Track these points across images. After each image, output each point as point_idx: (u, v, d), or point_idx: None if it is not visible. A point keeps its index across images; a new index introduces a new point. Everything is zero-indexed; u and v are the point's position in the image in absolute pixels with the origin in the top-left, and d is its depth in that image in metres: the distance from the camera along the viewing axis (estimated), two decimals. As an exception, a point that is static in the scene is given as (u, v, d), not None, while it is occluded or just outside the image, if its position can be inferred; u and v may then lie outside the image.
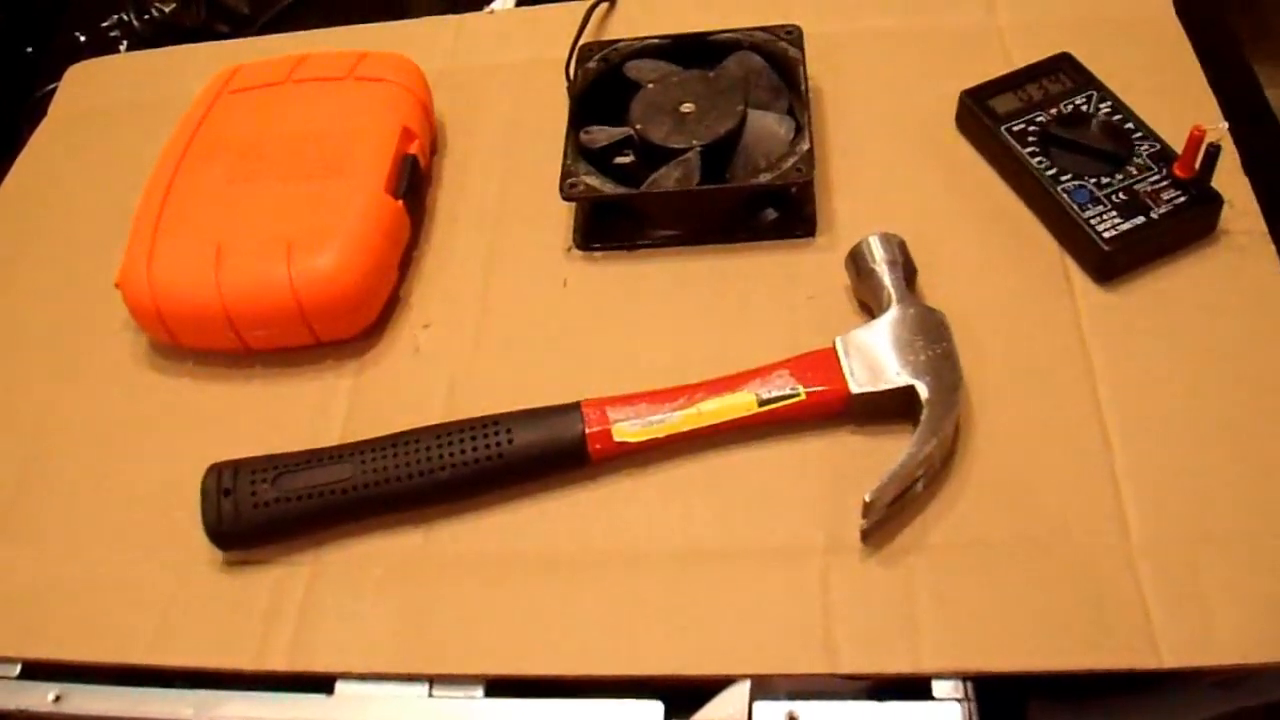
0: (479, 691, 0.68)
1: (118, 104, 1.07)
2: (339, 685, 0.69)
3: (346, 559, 0.73)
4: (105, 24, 1.20)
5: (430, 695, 0.68)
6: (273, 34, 1.13)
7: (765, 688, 0.66)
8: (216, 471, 0.73)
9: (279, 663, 0.69)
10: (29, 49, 1.23)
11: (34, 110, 1.10)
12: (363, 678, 0.69)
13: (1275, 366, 0.74)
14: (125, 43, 1.18)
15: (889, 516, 0.70)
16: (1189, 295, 0.78)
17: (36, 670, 0.72)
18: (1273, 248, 0.79)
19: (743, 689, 0.65)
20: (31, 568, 0.76)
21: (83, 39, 1.20)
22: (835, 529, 0.70)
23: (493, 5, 1.10)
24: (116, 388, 0.85)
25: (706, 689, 0.66)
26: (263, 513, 0.72)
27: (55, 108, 1.09)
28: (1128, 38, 0.93)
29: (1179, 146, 0.80)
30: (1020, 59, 0.91)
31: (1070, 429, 0.73)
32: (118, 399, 0.84)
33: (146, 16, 1.17)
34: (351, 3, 1.17)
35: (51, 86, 1.11)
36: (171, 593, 0.73)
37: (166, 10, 1.17)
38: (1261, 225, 0.81)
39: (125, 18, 1.18)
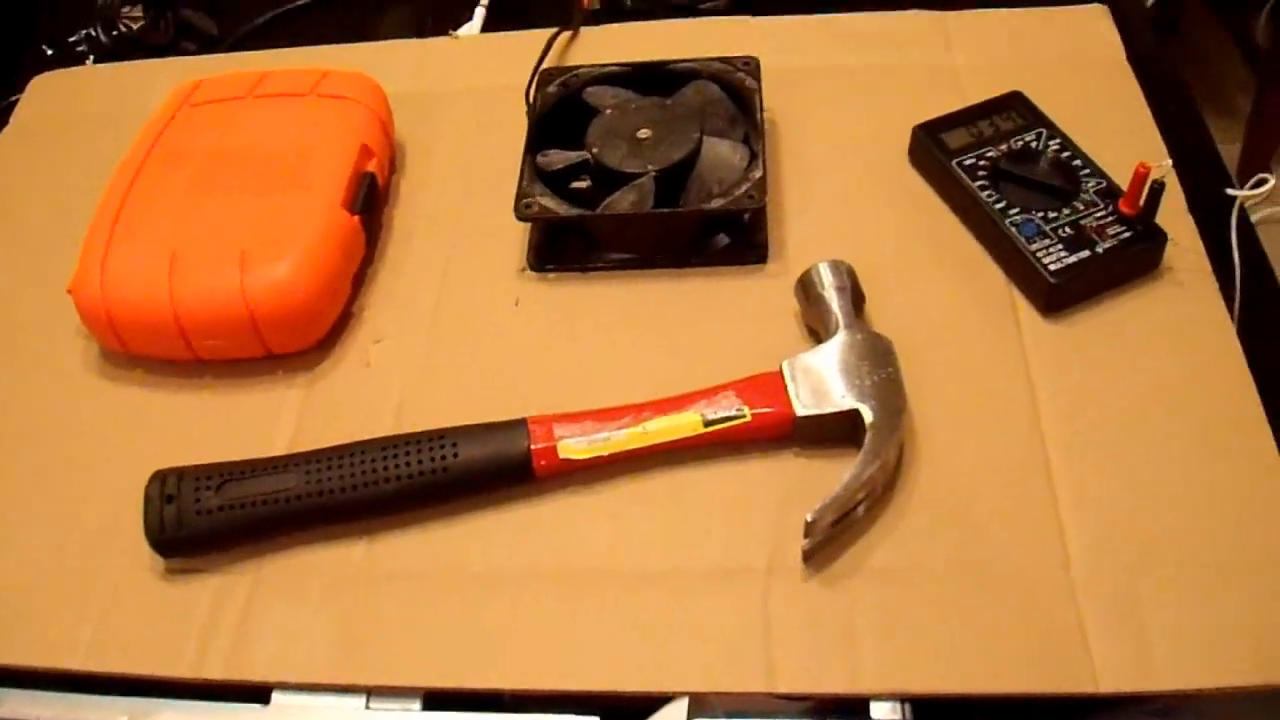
0: (416, 704, 0.68)
1: (81, 114, 1.07)
2: (276, 695, 0.69)
3: (288, 569, 0.73)
4: (73, 39, 1.20)
5: (367, 707, 0.68)
6: (241, 52, 1.13)
7: (703, 706, 0.66)
8: (160, 478, 0.73)
9: (216, 671, 0.69)
10: (-5, 61, 1.23)
11: (-1, 121, 1.10)
12: (300, 688, 0.69)
13: (1215, 400, 0.75)
14: (92, 57, 1.18)
15: (831, 539, 0.70)
16: (1132, 328, 0.79)
17: (-28, 674, 0.71)
18: (1215, 285, 0.81)
19: (680, 706, 0.66)
20: (-33, 570, 0.76)
21: (50, 53, 1.20)
22: (778, 550, 0.71)
23: (458, 30, 1.10)
24: (66, 393, 0.84)
25: (644, 706, 0.66)
26: (205, 520, 0.72)
27: (18, 116, 1.09)
28: (1079, 79, 0.96)
29: (1125, 184, 0.81)
30: (975, 97, 0.92)
31: (1013, 456, 0.74)
32: (66, 404, 0.84)
33: (115, 32, 1.17)
34: (320, 26, 1.18)
35: (16, 97, 1.11)
36: (111, 599, 0.73)
37: (135, 27, 1.17)
38: (1205, 263, 0.82)
39: (93, 33, 1.18)
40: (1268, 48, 2.40)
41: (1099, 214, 0.82)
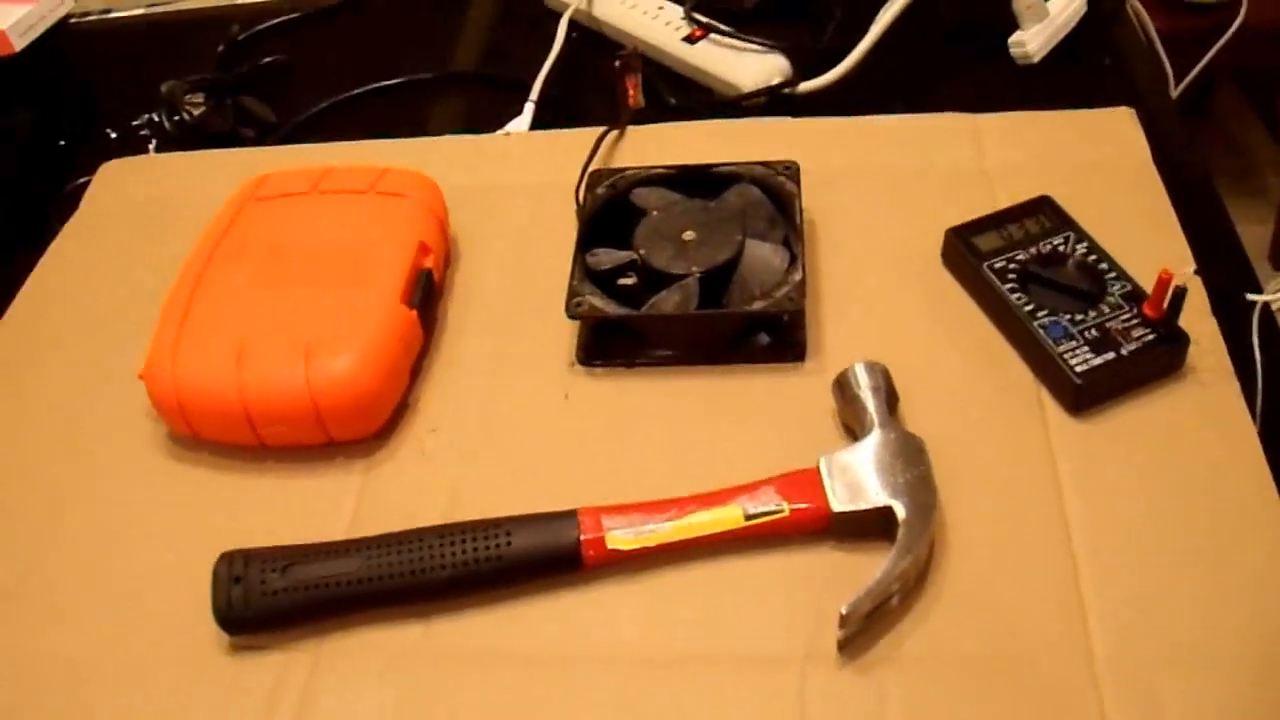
0: (469, 781, 0.71)
1: (148, 201, 1.12)
2: (335, 771, 0.72)
3: (348, 649, 0.76)
4: (136, 123, 1.25)
5: (422, 784, 0.71)
6: (298, 144, 1.18)
7: (741, 790, 0.69)
8: (228, 559, 0.77)
9: (278, 747, 0.72)
10: (61, 143, 1.28)
11: (65, 203, 1.14)
12: (359, 764, 0.72)
13: (1236, 498, 0.78)
14: (155, 142, 1.22)
15: (865, 629, 0.73)
16: (1156, 428, 0.82)
17: (44, 750, 0.75)
18: (1236, 386, 0.83)
19: (720, 790, 0.69)
20: (40, 646, 0.79)
21: (114, 136, 1.25)
22: (814, 639, 0.73)
23: (508, 127, 1.15)
24: (134, 475, 0.88)
25: (685, 789, 0.69)
26: (271, 601, 0.75)
27: (87, 202, 1.13)
28: (1106, 182, 0.99)
29: (1150, 287, 0.84)
30: (1005, 199, 0.96)
31: (1039, 551, 0.76)
32: (135, 485, 0.87)
33: (177, 118, 1.21)
34: (372, 115, 1.23)
35: (82, 180, 1.16)
36: (177, 675, 0.76)
37: (196, 114, 1.22)
38: (1227, 364, 0.85)
39: (156, 118, 1.23)
40: (1297, 128, 2.43)
41: (1124, 317, 0.84)
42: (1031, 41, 1.15)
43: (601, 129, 1.08)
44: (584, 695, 0.73)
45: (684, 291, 0.87)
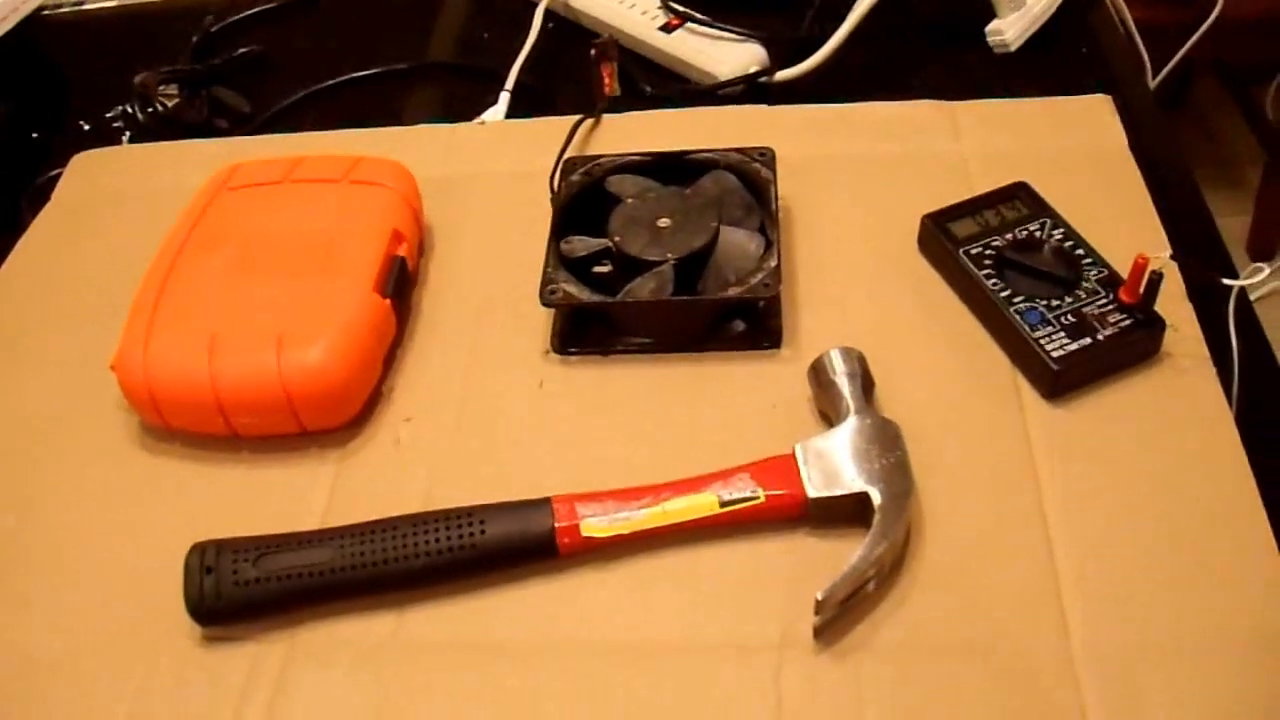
0: (443, 771, 0.71)
1: (121, 193, 1.11)
2: (308, 762, 0.71)
3: (321, 640, 0.76)
4: (109, 114, 1.24)
5: (396, 774, 0.71)
6: (271, 133, 1.17)
7: (717, 777, 0.69)
8: (200, 550, 0.76)
9: (251, 738, 0.72)
10: (34, 134, 1.27)
11: (38, 194, 1.13)
12: (331, 755, 0.71)
13: (1213, 484, 0.78)
14: (128, 133, 1.22)
15: (841, 615, 0.73)
16: (1133, 413, 0.82)
17: (14, 740, 0.74)
18: (1213, 371, 0.84)
19: (695, 777, 0.68)
20: (10, 636, 0.78)
21: (86, 128, 1.24)
22: (790, 625, 0.73)
23: (483, 116, 1.14)
24: (106, 466, 0.87)
25: (661, 776, 0.69)
26: (243, 591, 0.75)
27: (59, 193, 1.12)
28: (1083, 168, 0.99)
29: (1126, 272, 0.84)
30: (982, 185, 0.95)
31: (1016, 537, 0.76)
32: (106, 476, 0.87)
33: (150, 110, 1.21)
34: (348, 105, 1.22)
35: (55, 172, 1.15)
36: (149, 665, 0.75)
37: (170, 105, 1.21)
38: (1203, 350, 0.85)
39: (129, 109, 1.22)
40: (1277, 120, 2.44)
41: (1100, 302, 0.85)
42: (1009, 30, 1.15)
43: (577, 117, 1.08)
44: (559, 684, 0.72)
45: (659, 278, 0.87)
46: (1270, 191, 2.33)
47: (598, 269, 0.91)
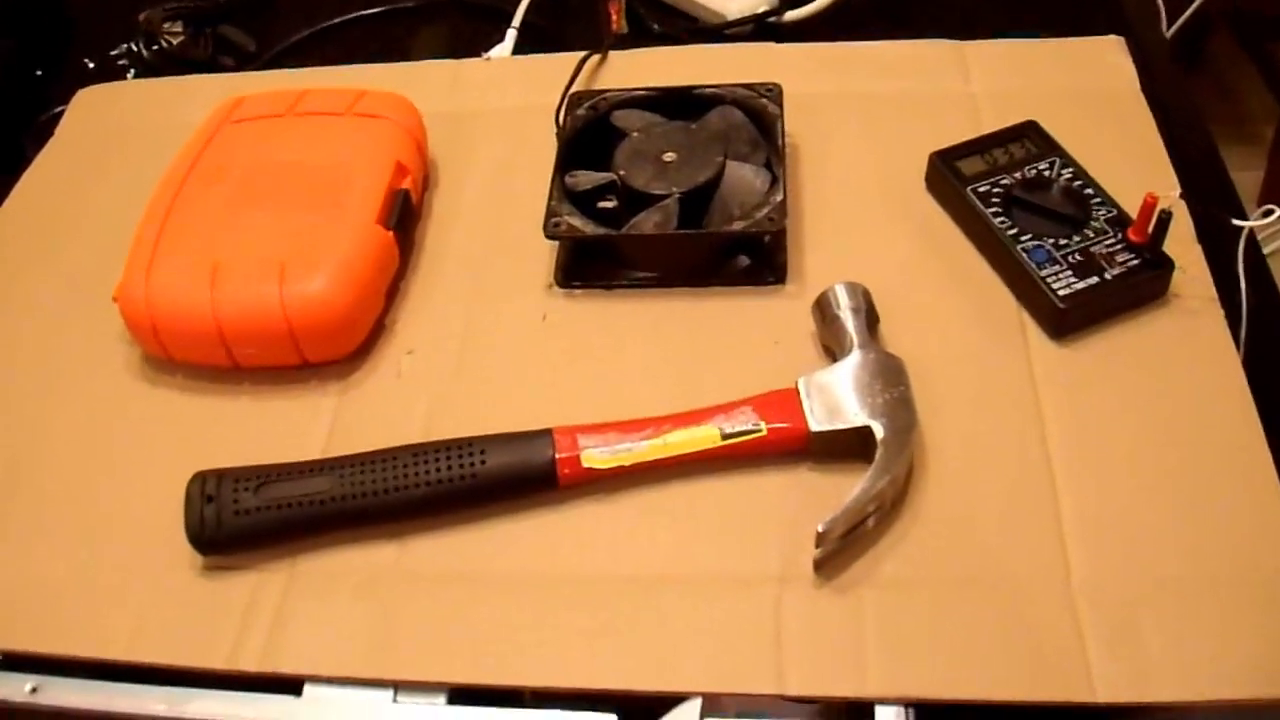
0: (441, 699, 0.70)
1: (124, 128, 1.11)
2: (307, 688, 0.71)
3: (321, 568, 0.76)
4: (114, 52, 1.24)
5: (395, 701, 0.71)
6: (277, 69, 1.16)
7: (716, 706, 0.68)
8: (201, 479, 0.76)
9: (251, 664, 0.72)
10: (38, 72, 1.26)
11: (41, 132, 1.13)
12: (330, 681, 0.71)
13: (1218, 425, 0.77)
14: (133, 71, 1.21)
15: (842, 549, 0.73)
16: (1139, 354, 0.81)
17: (15, 662, 0.74)
18: (1220, 312, 0.83)
19: (694, 706, 0.68)
20: (17, 564, 0.78)
21: (91, 65, 1.24)
22: (790, 559, 0.73)
23: (490, 53, 1.14)
24: (109, 397, 0.87)
25: (660, 705, 0.69)
26: (243, 520, 0.75)
27: (63, 129, 1.12)
28: (1093, 108, 0.98)
29: (1135, 212, 0.83)
30: (992, 124, 0.95)
31: (1019, 474, 0.76)
32: (110, 408, 0.87)
33: (155, 47, 1.20)
34: (354, 44, 1.21)
35: (59, 109, 1.15)
36: (151, 593, 0.76)
37: (175, 43, 1.21)
38: (1212, 291, 0.84)
39: (134, 47, 1.21)
40: (1292, 75, 2.41)
41: (1108, 241, 0.84)
42: (1021, -30, 1.14)
43: (584, 54, 1.07)
44: (558, 615, 0.72)
45: (664, 212, 0.86)
46: (1283, 145, 2.31)
47: (603, 204, 0.91)
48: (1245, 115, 2.63)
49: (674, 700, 0.69)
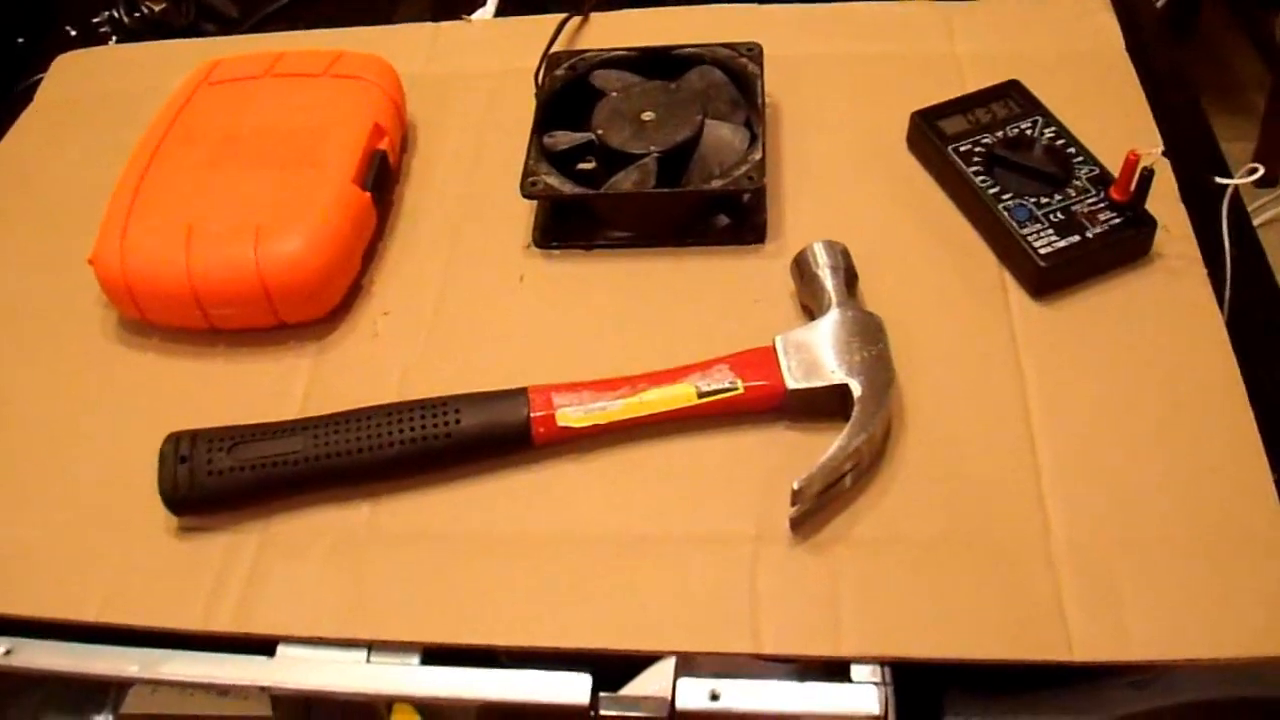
0: (415, 659, 0.70)
1: (103, 93, 1.10)
2: (281, 648, 0.71)
3: (295, 529, 0.76)
4: (96, 19, 1.23)
5: (368, 661, 0.70)
6: (258, 34, 1.16)
7: (691, 665, 0.68)
8: (175, 439, 0.76)
9: (224, 624, 0.72)
10: (20, 40, 1.25)
11: (21, 99, 1.12)
12: (304, 642, 0.71)
13: (1197, 384, 0.77)
14: (115, 38, 1.21)
15: (818, 509, 0.72)
16: (1120, 313, 0.81)
17: (-9, 624, 0.74)
18: (1204, 271, 0.83)
19: (668, 665, 0.68)
20: (-9, 526, 0.78)
21: (74, 33, 1.23)
22: (766, 517, 0.73)
23: (471, 15, 1.13)
24: (85, 359, 0.87)
25: (634, 664, 0.68)
26: (217, 480, 0.74)
27: (41, 94, 1.12)
28: (1077, 68, 0.97)
29: (1118, 171, 0.82)
30: (976, 85, 0.94)
31: (998, 433, 0.76)
32: (86, 370, 0.86)
33: (137, 14, 1.20)
34: (337, 9, 1.20)
35: (39, 76, 1.14)
36: (125, 555, 0.75)
37: (156, 9, 1.20)
38: (1195, 251, 0.84)
39: (116, 14, 1.21)
40: (1285, 46, 2.40)
41: (1091, 200, 0.83)
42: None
43: (564, 15, 1.06)
44: (534, 574, 0.72)
45: (642, 171, 0.85)
46: (1275, 115, 2.30)
47: (582, 164, 0.90)
48: (1236, 85, 2.62)
49: (649, 659, 0.68)
